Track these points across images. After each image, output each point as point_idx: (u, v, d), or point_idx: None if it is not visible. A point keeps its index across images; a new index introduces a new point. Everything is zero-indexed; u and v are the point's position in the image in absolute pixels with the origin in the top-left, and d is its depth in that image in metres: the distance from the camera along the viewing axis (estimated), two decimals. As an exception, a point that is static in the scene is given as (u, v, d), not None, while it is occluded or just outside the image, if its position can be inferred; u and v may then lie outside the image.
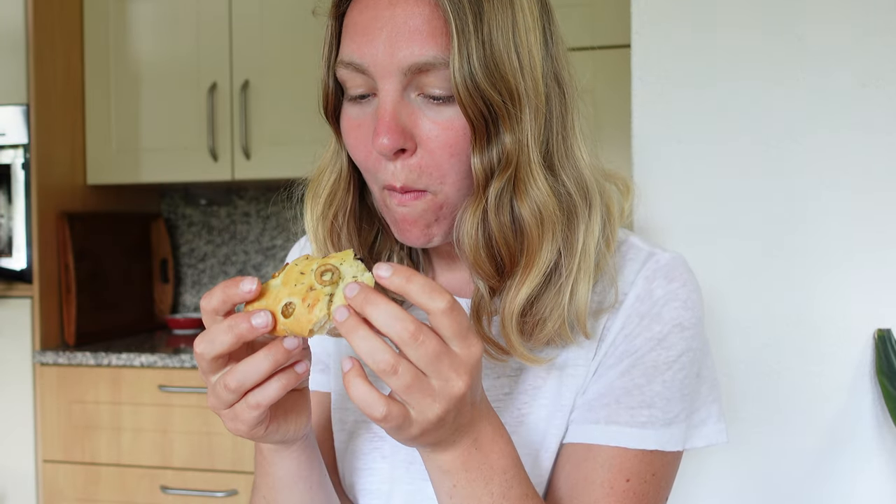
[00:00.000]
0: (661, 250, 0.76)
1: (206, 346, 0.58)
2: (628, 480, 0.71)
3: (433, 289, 0.55)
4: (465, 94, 0.62)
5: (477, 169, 0.65)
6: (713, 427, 0.78)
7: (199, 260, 2.77)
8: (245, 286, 0.58)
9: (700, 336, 0.76)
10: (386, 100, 0.64)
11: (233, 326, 0.57)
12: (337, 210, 0.74)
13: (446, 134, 0.65)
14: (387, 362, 0.54)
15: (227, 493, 2.08)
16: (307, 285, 0.58)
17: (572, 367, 0.75)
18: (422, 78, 0.64)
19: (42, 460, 2.21)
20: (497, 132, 0.65)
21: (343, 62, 0.67)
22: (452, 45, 0.62)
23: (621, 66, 1.31)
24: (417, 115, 0.65)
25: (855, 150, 1.07)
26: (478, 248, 0.68)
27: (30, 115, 2.19)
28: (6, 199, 2.22)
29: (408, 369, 0.55)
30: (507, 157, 0.65)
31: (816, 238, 1.08)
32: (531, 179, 0.66)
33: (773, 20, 1.08)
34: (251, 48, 2.35)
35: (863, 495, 1.08)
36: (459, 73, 0.62)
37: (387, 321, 0.54)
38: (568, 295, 0.69)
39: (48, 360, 2.17)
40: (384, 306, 0.54)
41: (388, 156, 0.65)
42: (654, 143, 1.12)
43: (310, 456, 0.72)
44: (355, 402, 0.56)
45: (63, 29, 2.34)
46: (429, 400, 0.56)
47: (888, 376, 1.03)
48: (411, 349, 0.54)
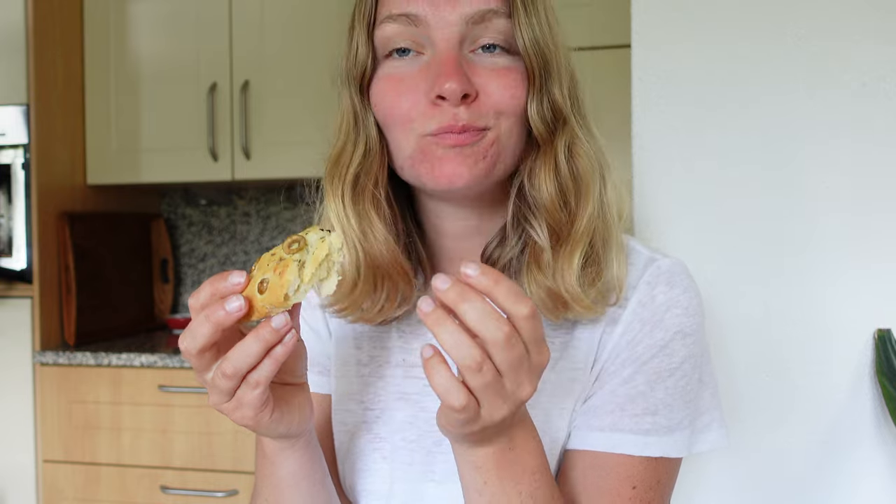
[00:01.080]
0: (661, 256, 0.77)
1: (189, 342, 0.58)
2: (634, 488, 0.71)
3: (518, 293, 0.55)
4: (531, 44, 0.67)
5: (535, 119, 0.69)
6: (716, 432, 0.79)
7: (199, 260, 2.77)
8: (233, 279, 0.58)
9: (701, 342, 0.76)
10: (448, 47, 0.67)
11: (209, 315, 0.57)
12: (374, 187, 0.73)
13: (504, 79, 0.68)
14: (473, 358, 0.54)
15: (227, 493, 2.08)
16: (277, 258, 0.59)
17: (570, 370, 0.75)
18: (477, 29, 0.67)
19: (42, 460, 2.21)
20: (549, 86, 0.69)
21: (394, 15, 0.68)
22: (515, 0, 0.67)
23: (621, 66, 1.31)
24: (475, 64, 0.68)
25: (855, 150, 1.07)
26: (553, 198, 0.70)
27: (30, 115, 2.19)
28: (6, 199, 2.22)
29: (490, 369, 0.55)
30: (560, 110, 0.70)
31: (816, 238, 1.08)
32: (582, 133, 0.72)
33: (772, 20, 1.08)
34: (251, 48, 2.35)
35: (863, 495, 1.08)
36: (526, 25, 0.67)
37: (482, 319, 0.54)
38: (612, 254, 0.72)
39: (48, 360, 2.17)
40: (480, 304, 0.54)
41: (455, 100, 0.66)
42: (654, 143, 1.12)
43: (312, 454, 0.72)
44: (436, 389, 0.56)
45: (63, 29, 2.34)
46: (500, 401, 0.56)
47: (888, 376, 1.03)
48: (500, 350, 0.54)
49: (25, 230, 2.20)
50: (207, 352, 0.60)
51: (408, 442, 0.78)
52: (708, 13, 1.10)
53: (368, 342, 0.82)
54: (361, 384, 0.81)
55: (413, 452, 0.77)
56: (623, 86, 1.18)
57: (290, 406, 0.66)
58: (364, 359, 0.82)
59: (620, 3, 1.63)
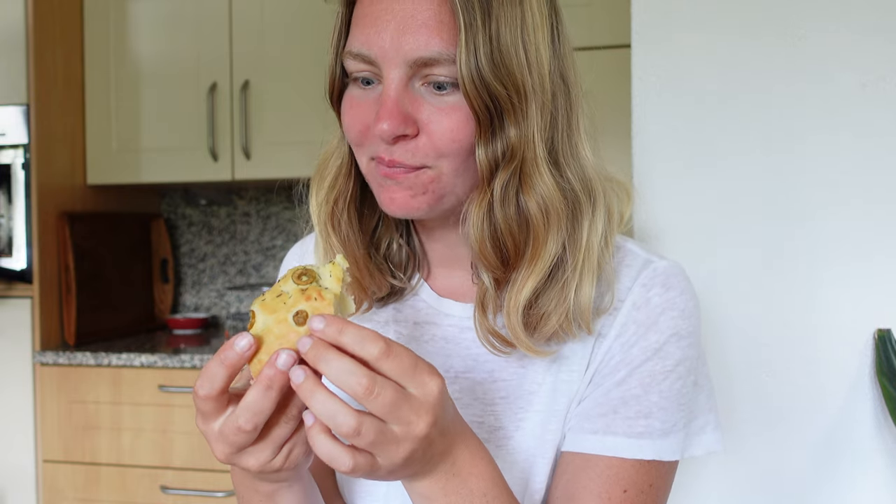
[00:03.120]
0: (658, 258, 0.76)
1: (207, 386, 0.57)
2: (625, 491, 0.71)
3: (364, 337, 0.54)
4: (471, 87, 0.63)
5: (482, 160, 0.66)
6: (711, 436, 0.78)
7: (199, 260, 2.77)
8: (240, 344, 0.56)
9: (697, 345, 0.75)
10: (390, 87, 0.65)
11: (223, 360, 0.56)
12: (338, 195, 0.75)
13: (449, 119, 0.66)
14: (349, 426, 0.53)
15: (227, 493, 2.08)
16: (298, 290, 0.57)
17: (567, 373, 0.75)
18: (427, 69, 0.65)
19: (42, 460, 2.21)
20: (502, 126, 0.65)
21: (351, 52, 0.68)
22: (460, 38, 0.63)
23: (621, 66, 1.31)
24: (420, 102, 0.66)
25: (855, 151, 1.07)
26: (483, 240, 0.68)
27: (30, 115, 2.19)
28: (6, 199, 2.22)
29: (370, 427, 0.54)
30: (513, 150, 0.66)
31: (816, 238, 1.08)
32: (537, 174, 0.67)
33: (773, 20, 1.08)
34: (251, 48, 2.35)
35: (863, 495, 1.08)
36: (466, 67, 0.63)
37: (339, 376, 0.54)
38: (573, 290, 0.70)
39: (48, 360, 2.17)
40: (336, 361, 0.54)
41: (388, 140, 0.65)
42: (654, 143, 1.12)
43: (307, 483, 0.70)
44: (321, 458, 0.55)
45: (63, 29, 2.34)
46: (393, 447, 0.56)
47: (888, 377, 1.03)
48: (368, 403, 0.54)
49: (25, 230, 2.20)
50: (223, 396, 0.58)
51: None
52: (708, 13, 1.10)
53: None
54: None
55: None
56: (623, 86, 1.18)
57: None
58: None
59: (620, 3, 1.63)
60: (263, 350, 0.56)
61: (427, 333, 0.79)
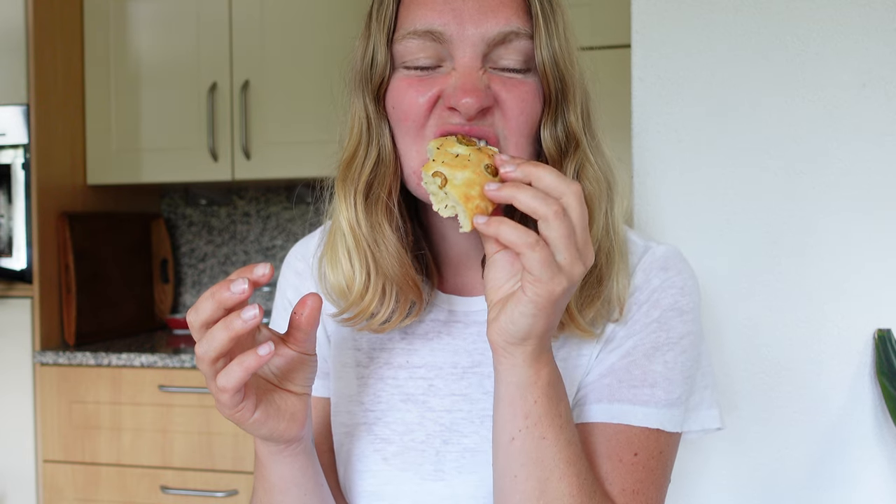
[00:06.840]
0: (655, 244, 0.79)
1: (205, 348, 0.59)
2: (636, 454, 0.72)
3: (552, 172, 0.60)
4: (550, 67, 0.68)
5: (547, 141, 0.70)
6: (706, 412, 0.80)
7: (199, 260, 2.77)
8: (236, 287, 0.58)
9: (698, 321, 0.77)
10: (469, 64, 0.67)
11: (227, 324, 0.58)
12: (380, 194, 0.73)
13: (521, 99, 0.69)
14: (530, 236, 0.58)
15: (227, 493, 2.08)
16: (475, 150, 0.64)
17: (575, 359, 0.76)
18: (498, 49, 0.68)
19: (42, 460, 2.21)
20: (566, 109, 0.70)
21: (417, 31, 0.68)
22: (537, 21, 0.67)
23: (621, 66, 1.31)
24: (493, 80, 0.68)
25: (855, 150, 1.07)
26: None
27: (30, 115, 2.19)
28: (6, 199, 2.22)
29: (544, 247, 0.59)
30: (574, 134, 0.71)
31: (816, 238, 1.08)
32: (587, 158, 0.72)
33: (773, 20, 1.08)
34: (251, 48, 2.35)
35: (863, 495, 1.08)
36: (546, 47, 0.67)
37: (531, 202, 0.59)
38: (614, 274, 0.73)
39: (48, 360, 2.17)
40: (530, 190, 0.60)
41: (472, 113, 0.66)
42: (654, 143, 1.12)
43: (304, 463, 0.72)
44: (506, 238, 0.59)
45: (63, 29, 2.34)
46: (557, 275, 0.60)
47: (888, 376, 1.03)
48: (551, 225, 0.58)
49: (25, 230, 2.20)
50: (222, 359, 0.60)
51: (417, 443, 0.78)
52: (708, 13, 1.10)
53: (368, 343, 0.82)
54: (360, 385, 0.81)
55: (423, 453, 0.77)
56: (623, 86, 1.18)
57: (279, 411, 0.66)
58: (363, 360, 0.82)
59: (620, 3, 1.64)
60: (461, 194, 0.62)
61: (432, 331, 0.80)
